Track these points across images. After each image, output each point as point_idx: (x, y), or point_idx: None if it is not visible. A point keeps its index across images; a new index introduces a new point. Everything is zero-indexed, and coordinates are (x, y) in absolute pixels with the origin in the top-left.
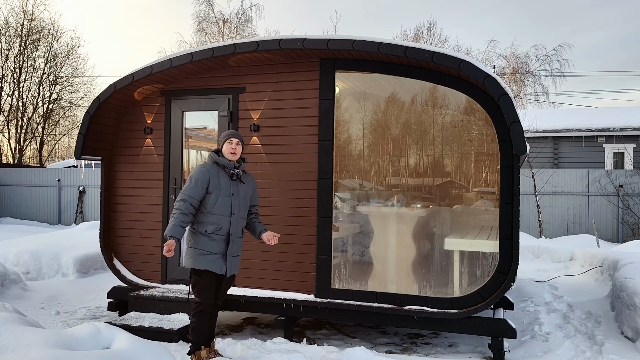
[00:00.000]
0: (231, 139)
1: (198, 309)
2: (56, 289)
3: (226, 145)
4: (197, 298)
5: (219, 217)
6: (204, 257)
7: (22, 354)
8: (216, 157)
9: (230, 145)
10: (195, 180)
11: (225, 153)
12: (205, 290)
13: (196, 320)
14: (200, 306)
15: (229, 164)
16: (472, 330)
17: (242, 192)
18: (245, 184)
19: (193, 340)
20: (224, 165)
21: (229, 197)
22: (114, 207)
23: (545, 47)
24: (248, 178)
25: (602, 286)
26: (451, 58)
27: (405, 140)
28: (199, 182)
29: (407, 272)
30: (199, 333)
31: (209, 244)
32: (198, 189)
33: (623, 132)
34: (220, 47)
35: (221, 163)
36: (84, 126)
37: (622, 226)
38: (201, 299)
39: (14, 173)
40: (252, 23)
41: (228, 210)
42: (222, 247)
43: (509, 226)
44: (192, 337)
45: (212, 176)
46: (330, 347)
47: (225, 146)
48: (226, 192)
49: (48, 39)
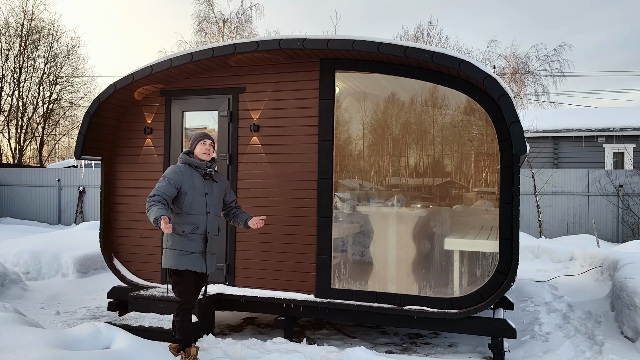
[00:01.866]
0: (204, 140)
1: (181, 308)
2: (56, 289)
3: (200, 146)
4: (177, 297)
5: (195, 216)
6: (185, 256)
7: (22, 354)
8: (188, 159)
9: (204, 146)
10: (167, 179)
11: (199, 154)
12: (186, 290)
13: (180, 319)
14: (182, 305)
15: (201, 164)
16: (472, 330)
17: (216, 191)
18: (218, 183)
19: (180, 339)
20: (196, 166)
21: (204, 196)
22: (114, 207)
23: (545, 47)
24: (220, 177)
25: (602, 286)
26: (451, 58)
27: (405, 140)
28: (172, 181)
29: (407, 272)
30: (185, 331)
31: (187, 243)
32: (171, 188)
33: (623, 132)
34: (221, 47)
35: (193, 164)
36: (84, 126)
37: (622, 226)
38: (183, 299)
39: (14, 173)
40: (252, 23)
41: (204, 209)
42: (201, 246)
43: (509, 226)
44: (179, 336)
45: (185, 177)
46: (330, 347)
47: (198, 147)
48: (201, 192)
49: (48, 39)
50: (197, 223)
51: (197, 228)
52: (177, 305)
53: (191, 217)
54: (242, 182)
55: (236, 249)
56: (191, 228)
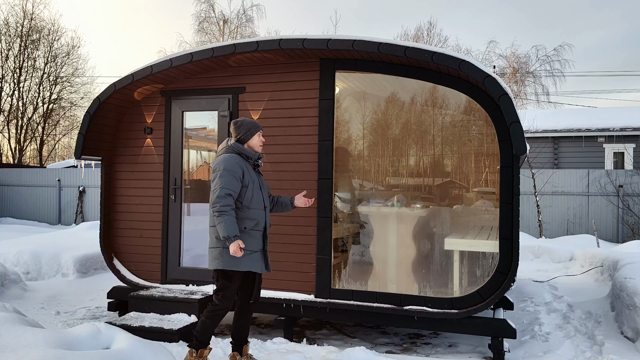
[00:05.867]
0: (261, 131)
1: (215, 311)
2: (56, 289)
3: (257, 137)
4: (218, 301)
5: (256, 211)
6: (246, 257)
7: (22, 354)
8: (241, 148)
9: (260, 137)
10: (231, 173)
11: (255, 145)
12: (231, 295)
13: (210, 322)
14: (219, 310)
15: (254, 154)
16: (472, 330)
17: (265, 184)
18: (263, 175)
19: (200, 339)
20: (248, 157)
21: (260, 189)
22: (114, 207)
23: (545, 47)
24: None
25: (602, 286)
26: (451, 58)
27: (405, 140)
28: (236, 175)
29: (407, 272)
30: (208, 334)
31: (248, 241)
32: (237, 183)
33: (623, 132)
34: (221, 47)
35: (246, 154)
36: (84, 126)
37: (622, 226)
38: (224, 304)
39: (14, 173)
40: (252, 23)
41: (262, 203)
42: (260, 243)
43: (509, 226)
44: (200, 336)
45: (244, 168)
46: (330, 347)
47: (256, 138)
48: (257, 185)
49: (48, 39)
50: (257, 218)
51: (257, 224)
52: (212, 306)
53: (252, 212)
54: None
55: None
56: (253, 224)
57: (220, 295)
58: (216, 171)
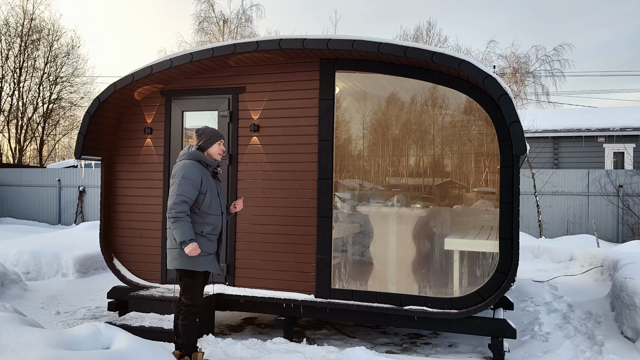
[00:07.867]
0: (221, 140)
1: (190, 311)
2: (56, 289)
3: (217, 145)
4: (189, 301)
5: (214, 217)
6: (203, 258)
7: (22, 354)
8: (201, 155)
9: (220, 146)
10: (189, 181)
11: (214, 153)
12: (198, 292)
13: (188, 323)
14: (192, 308)
15: (213, 162)
16: (472, 330)
17: (223, 191)
18: (222, 182)
19: (186, 344)
20: (207, 164)
21: (218, 196)
22: (114, 207)
23: (545, 47)
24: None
25: (602, 286)
26: (451, 58)
27: (405, 140)
28: (195, 183)
29: (407, 272)
30: (192, 335)
31: (206, 244)
32: (194, 191)
33: (623, 132)
34: (220, 47)
35: (206, 161)
36: (84, 126)
37: (622, 226)
38: (194, 301)
39: (14, 173)
40: (252, 23)
41: (219, 209)
42: (215, 247)
43: (509, 226)
44: (186, 341)
45: (202, 175)
46: (330, 347)
47: (215, 146)
48: (215, 192)
49: (48, 39)
50: (214, 224)
51: (214, 229)
52: (185, 308)
53: (210, 218)
54: (242, 182)
55: (236, 249)
56: (210, 229)
57: (189, 294)
58: (175, 177)
